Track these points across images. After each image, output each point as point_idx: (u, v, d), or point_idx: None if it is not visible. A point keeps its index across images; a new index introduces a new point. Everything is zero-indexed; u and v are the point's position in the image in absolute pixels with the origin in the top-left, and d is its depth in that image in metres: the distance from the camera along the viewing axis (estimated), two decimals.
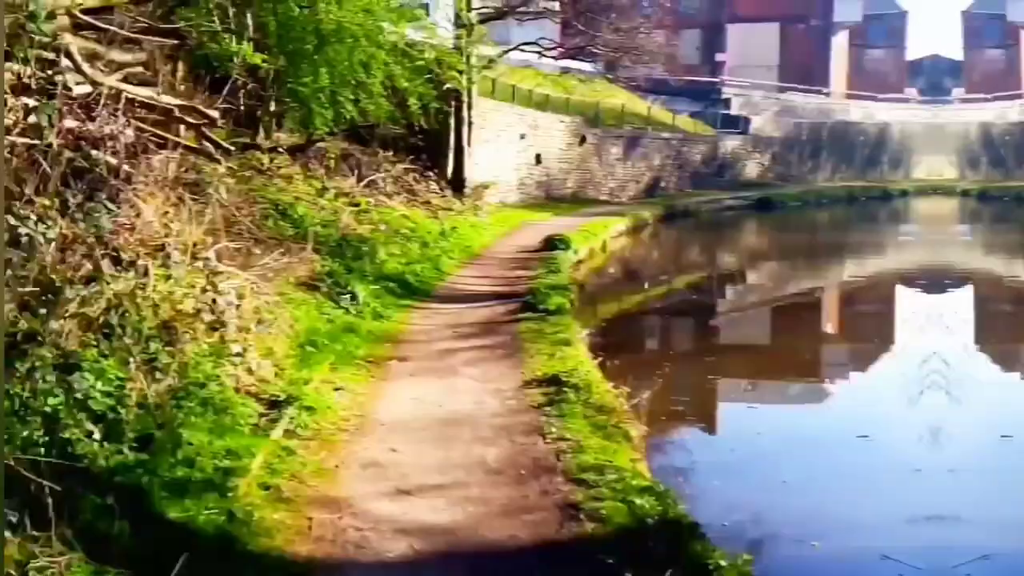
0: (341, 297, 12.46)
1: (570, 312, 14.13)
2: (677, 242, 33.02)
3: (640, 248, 30.35)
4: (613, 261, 26.04)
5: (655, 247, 31.31)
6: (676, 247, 31.93)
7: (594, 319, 16.55)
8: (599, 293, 20.81)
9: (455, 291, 15.80)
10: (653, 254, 29.84)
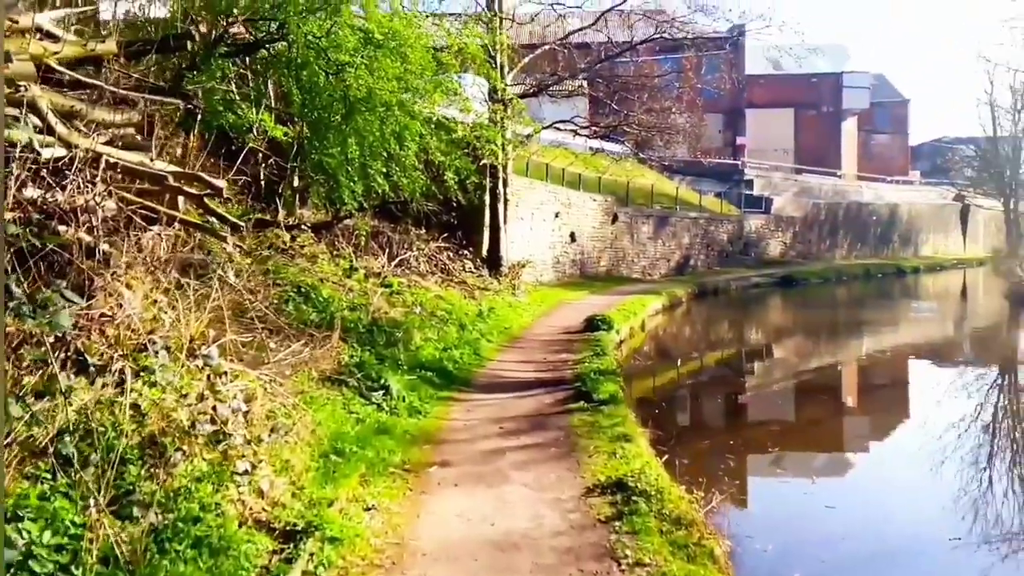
0: (372, 392, 10.26)
1: (624, 401, 11.89)
2: (710, 319, 30.73)
3: (676, 325, 28.06)
4: (652, 339, 23.81)
5: (690, 324, 28.99)
6: (710, 324, 29.61)
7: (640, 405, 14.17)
8: (641, 373, 18.48)
9: (497, 378, 13.56)
10: (689, 331, 27.50)
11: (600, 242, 34.31)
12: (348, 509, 7.18)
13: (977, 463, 12.34)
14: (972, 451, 13.07)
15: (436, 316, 16.15)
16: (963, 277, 53.58)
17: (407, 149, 13.43)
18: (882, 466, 11.97)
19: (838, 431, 15.33)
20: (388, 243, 20.31)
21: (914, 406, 16.44)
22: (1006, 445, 14.29)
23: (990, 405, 17.25)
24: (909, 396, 17.62)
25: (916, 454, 12.34)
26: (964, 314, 34.89)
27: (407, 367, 12.14)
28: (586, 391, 12.02)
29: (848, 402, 17.63)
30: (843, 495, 10.59)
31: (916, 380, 19.78)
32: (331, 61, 12.31)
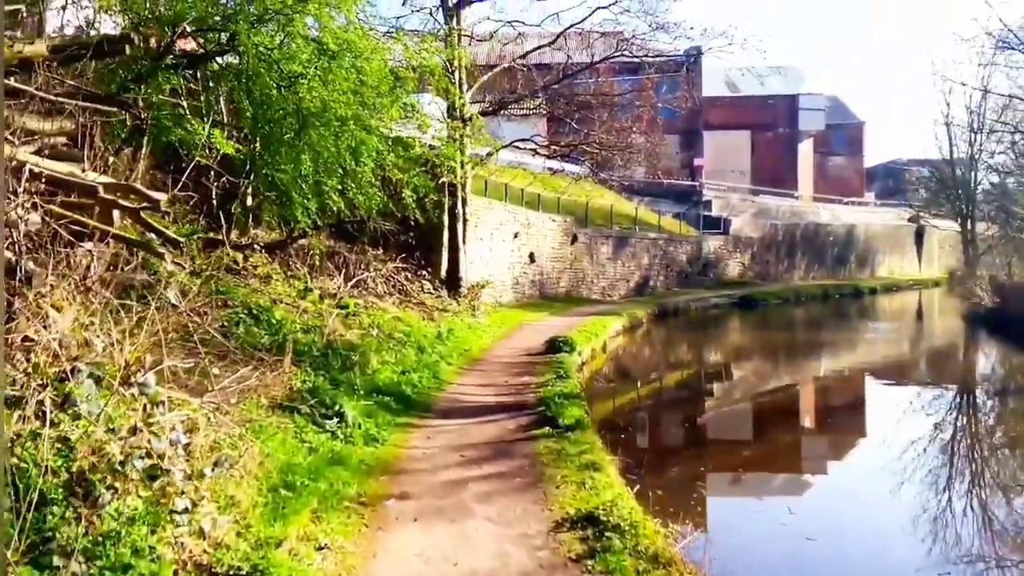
0: (326, 419, 9.72)
1: (590, 426, 11.48)
2: (671, 340, 30.56)
3: (638, 346, 27.80)
4: (614, 360, 23.50)
5: (652, 345, 28.75)
6: (671, 345, 29.42)
7: (606, 430, 13.75)
8: (605, 396, 18.11)
9: (458, 403, 13.07)
10: (651, 352, 27.24)
11: (560, 263, 34.04)
12: (298, 549, 6.65)
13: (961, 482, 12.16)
14: (955, 477, 12.88)
15: (394, 338, 15.64)
16: (920, 298, 54.30)
17: (363, 165, 12.95)
18: (860, 493, 11.66)
19: (807, 454, 15.12)
20: (344, 263, 19.77)
21: (890, 429, 16.17)
22: (982, 466, 14.12)
23: (960, 425, 17.21)
24: (886, 418, 17.40)
25: (898, 478, 12.10)
26: (924, 335, 35.17)
27: (363, 392, 11.62)
28: (551, 416, 11.60)
29: (815, 424, 17.42)
30: (822, 525, 10.25)
31: (882, 401, 19.65)
32: (284, 73, 11.83)
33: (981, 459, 14.78)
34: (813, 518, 10.37)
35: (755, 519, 10.35)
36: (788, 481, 12.96)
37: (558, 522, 7.76)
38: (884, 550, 9.37)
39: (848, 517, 10.56)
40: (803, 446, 15.70)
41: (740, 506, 10.97)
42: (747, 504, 11.03)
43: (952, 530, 10.23)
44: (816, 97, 69.81)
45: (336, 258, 19.68)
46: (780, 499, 11.51)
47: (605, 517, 7.65)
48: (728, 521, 10.42)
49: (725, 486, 12.39)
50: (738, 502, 11.42)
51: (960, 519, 10.74)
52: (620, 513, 7.75)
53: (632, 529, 7.47)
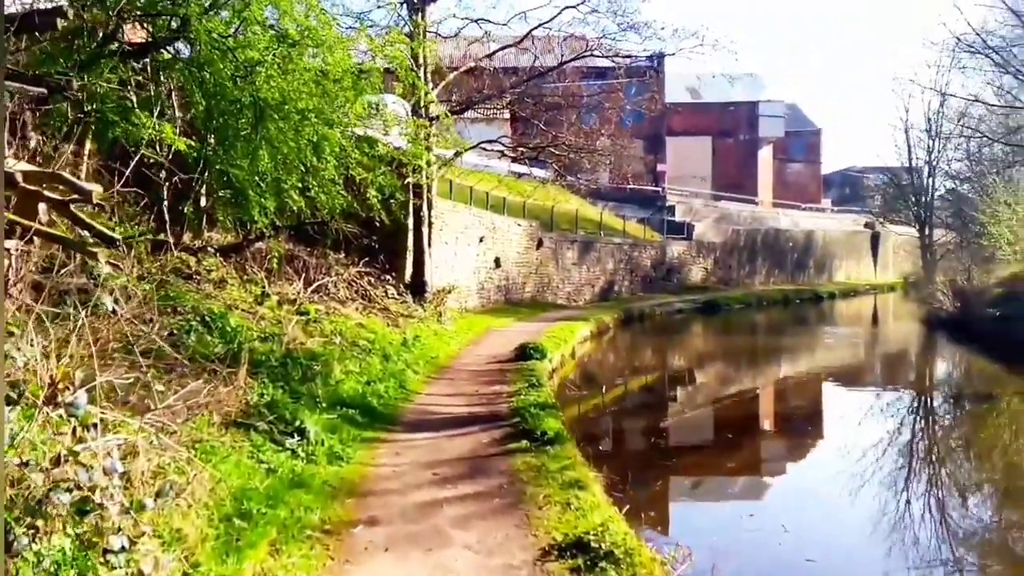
0: (286, 436, 8.83)
1: (570, 439, 10.72)
2: (639, 345, 29.95)
3: (606, 352, 27.12)
4: (583, 367, 22.81)
5: (620, 350, 28.08)
6: (639, 350, 28.79)
7: (583, 441, 12.99)
8: (577, 404, 17.33)
9: (427, 415, 12.22)
10: (620, 358, 26.54)
11: (525, 268, 33.30)
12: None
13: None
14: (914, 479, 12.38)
15: (358, 346, 14.77)
16: (879, 302, 54.58)
17: (325, 162, 12.06)
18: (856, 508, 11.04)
19: (794, 461, 14.49)
20: (304, 267, 18.83)
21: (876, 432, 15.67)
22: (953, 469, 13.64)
23: (925, 428, 16.81)
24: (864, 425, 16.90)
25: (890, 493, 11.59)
26: (887, 340, 34.95)
27: (326, 405, 10.73)
28: (528, 428, 10.83)
29: (799, 433, 16.79)
30: (819, 542, 9.60)
31: (861, 406, 19.15)
32: (239, 63, 10.93)
33: (942, 461, 14.62)
34: (812, 536, 9.70)
35: (755, 541, 9.62)
36: (779, 494, 12.30)
37: (545, 549, 7.00)
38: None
39: (851, 537, 9.93)
40: (789, 455, 15.06)
41: (738, 526, 10.25)
42: (739, 521, 10.32)
43: (911, 530, 10.14)
44: (775, 104, 70.12)
45: (296, 262, 18.75)
46: (768, 510, 10.84)
47: (596, 543, 6.93)
48: (731, 544, 9.70)
49: (722, 506, 11.67)
50: (736, 522, 10.69)
51: (917, 520, 10.62)
52: (612, 538, 7.02)
53: (627, 557, 6.75)
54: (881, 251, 71.66)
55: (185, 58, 11.63)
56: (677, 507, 11.23)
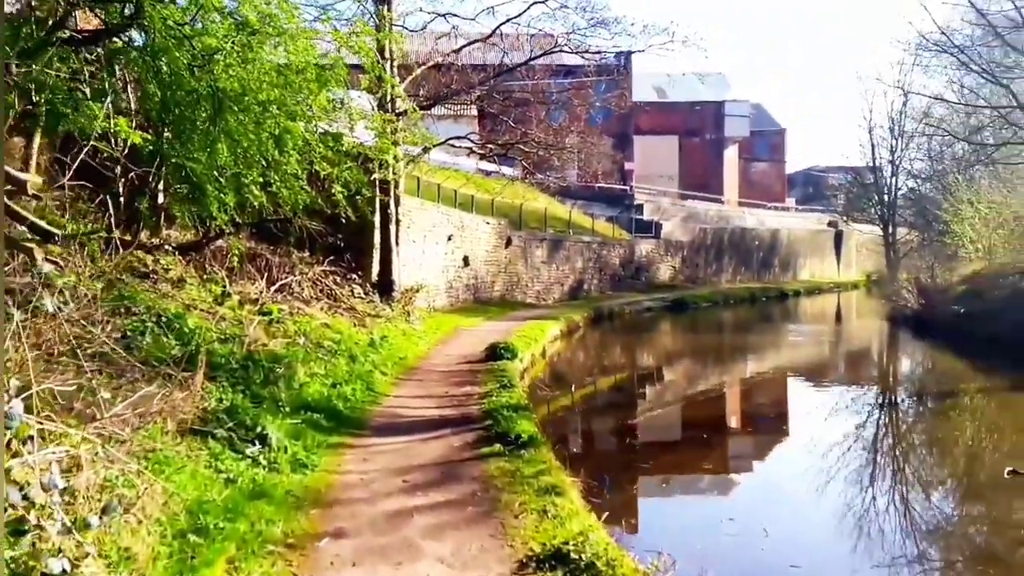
0: (246, 443, 8.33)
1: (544, 442, 10.32)
2: (609, 344, 29.60)
3: (576, 351, 26.78)
4: (554, 366, 22.43)
5: (590, 349, 27.75)
6: (610, 349, 28.44)
7: (557, 443, 12.60)
8: (549, 405, 16.92)
9: (396, 418, 11.76)
10: (591, 357, 26.15)
11: (494, 266, 32.89)
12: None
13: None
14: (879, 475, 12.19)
15: (323, 347, 14.25)
16: (843, 300, 54.99)
17: (288, 156, 11.51)
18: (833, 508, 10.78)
19: (771, 464, 14.17)
20: (267, 266, 18.26)
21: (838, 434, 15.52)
22: None
23: (894, 424, 16.68)
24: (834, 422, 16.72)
25: None
26: (855, 338, 34.96)
27: (289, 409, 10.24)
28: (501, 432, 10.41)
29: (772, 431, 16.54)
30: (802, 544, 9.31)
31: (824, 403, 19.01)
32: (196, 51, 10.38)
33: (906, 457, 14.60)
34: (797, 543, 9.40)
35: (736, 547, 9.28)
36: (754, 493, 11.99)
37: (522, 562, 6.61)
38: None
39: (833, 545, 9.65)
40: (764, 453, 14.80)
41: (712, 526, 9.91)
42: (719, 525, 9.98)
43: (891, 533, 10.01)
44: (741, 104, 70.35)
45: (258, 260, 18.18)
46: (746, 511, 10.52)
47: (576, 554, 6.56)
48: (713, 551, 9.36)
49: (701, 511, 11.29)
50: (707, 519, 10.36)
51: (896, 522, 10.53)
52: (593, 549, 6.66)
53: (609, 568, 6.38)
54: (844, 249, 72.24)
55: (139, 46, 11.04)
56: (655, 510, 10.88)
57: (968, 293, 26.87)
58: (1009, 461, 13.00)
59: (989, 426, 16.01)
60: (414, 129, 17.01)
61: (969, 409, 17.87)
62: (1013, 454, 13.45)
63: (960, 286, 28.33)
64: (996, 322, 23.05)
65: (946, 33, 23.10)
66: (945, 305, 27.96)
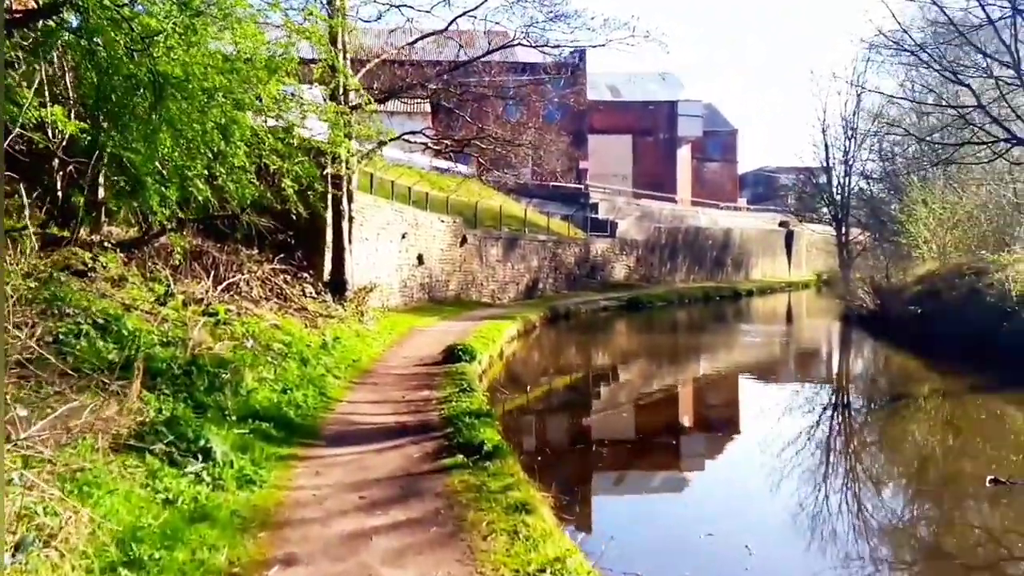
0: (188, 457, 7.62)
1: (510, 452, 9.73)
2: (566, 344, 29.16)
3: (534, 351, 26.26)
4: (512, 367, 21.89)
5: (548, 350, 27.25)
6: (567, 349, 28.01)
7: (521, 451, 12.02)
8: (510, 409, 16.33)
9: (351, 426, 11.07)
10: (548, 358, 25.59)
11: (449, 265, 32.22)
12: None
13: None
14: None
15: (272, 350, 13.50)
16: (796, 299, 55.37)
17: (235, 148, 10.76)
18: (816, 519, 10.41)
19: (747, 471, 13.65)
20: (214, 264, 17.42)
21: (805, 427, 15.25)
22: None
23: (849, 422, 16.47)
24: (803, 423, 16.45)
25: None
26: (810, 337, 34.86)
27: (236, 418, 9.51)
28: (463, 441, 9.81)
29: (738, 435, 16.19)
30: (788, 561, 8.88)
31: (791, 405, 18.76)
32: (135, 33, 9.61)
33: (861, 457, 14.51)
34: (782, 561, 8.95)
35: (714, 560, 8.81)
36: (731, 502, 11.56)
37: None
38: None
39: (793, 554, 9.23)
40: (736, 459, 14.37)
41: (690, 542, 9.45)
42: (697, 541, 9.52)
43: (829, 524, 10.14)
44: (694, 104, 70.58)
45: (204, 258, 17.34)
46: (722, 523, 10.07)
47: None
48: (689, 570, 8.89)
49: (667, 514, 10.84)
50: (685, 533, 9.89)
51: (835, 514, 10.62)
52: None
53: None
54: (795, 249, 72.87)
55: (73, 28, 10.22)
56: (632, 526, 10.31)
57: (924, 293, 26.89)
58: (967, 462, 12.86)
59: (945, 427, 15.82)
60: (368, 122, 16.25)
61: (925, 410, 17.71)
62: (972, 455, 13.31)
63: (915, 286, 28.37)
64: (953, 322, 23.03)
65: (906, 31, 23.06)
66: (901, 305, 27.98)
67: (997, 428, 15.60)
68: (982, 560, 9.22)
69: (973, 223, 28.32)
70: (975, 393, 18.48)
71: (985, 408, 17.08)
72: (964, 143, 22.41)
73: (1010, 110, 20.92)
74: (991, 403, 17.42)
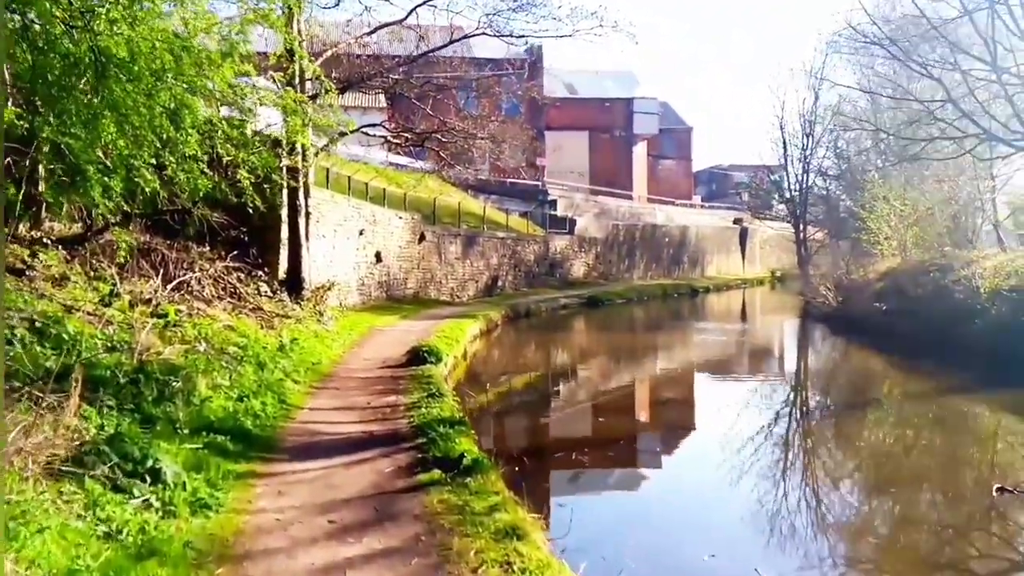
0: (134, 479, 6.71)
1: (492, 466, 8.92)
2: (529, 343, 28.41)
3: (497, 351, 25.46)
4: (476, 368, 21.08)
5: (511, 349, 26.47)
6: (530, 348, 27.28)
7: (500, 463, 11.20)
8: (479, 414, 15.49)
9: (314, 436, 10.17)
10: (512, 357, 24.75)
11: (407, 262, 31.26)
12: None
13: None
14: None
15: (227, 353, 12.54)
16: (754, 296, 55.44)
17: (185, 135, 9.79)
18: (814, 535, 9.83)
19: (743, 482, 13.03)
20: (163, 262, 16.39)
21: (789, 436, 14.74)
22: None
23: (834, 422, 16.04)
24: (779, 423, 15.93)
25: None
26: (774, 336, 34.33)
27: (188, 432, 8.59)
28: (439, 455, 9.00)
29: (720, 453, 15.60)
30: None
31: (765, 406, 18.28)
32: (74, 8, 8.64)
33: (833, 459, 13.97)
34: None
35: None
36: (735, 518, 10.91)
37: None
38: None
39: None
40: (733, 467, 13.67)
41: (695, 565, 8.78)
42: (701, 563, 8.86)
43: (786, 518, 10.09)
44: (650, 101, 70.39)
45: (153, 256, 16.32)
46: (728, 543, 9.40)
47: None
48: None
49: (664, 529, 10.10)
50: (688, 553, 9.21)
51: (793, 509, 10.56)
52: None
53: None
54: (749, 246, 73.13)
55: None
56: (631, 547, 9.46)
57: (887, 290, 26.69)
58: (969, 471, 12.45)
59: (919, 427, 15.40)
60: (328, 111, 15.25)
61: (896, 411, 17.32)
62: (955, 454, 12.90)
63: (878, 283, 28.19)
64: (919, 319, 22.80)
65: (876, 22, 22.73)
66: (864, 302, 27.78)
67: (987, 432, 15.23)
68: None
69: (933, 220, 28.21)
70: (951, 394, 18.10)
71: (968, 410, 16.74)
72: (934, 139, 22.15)
73: (978, 105, 20.68)
74: (970, 404, 17.08)
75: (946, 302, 22.68)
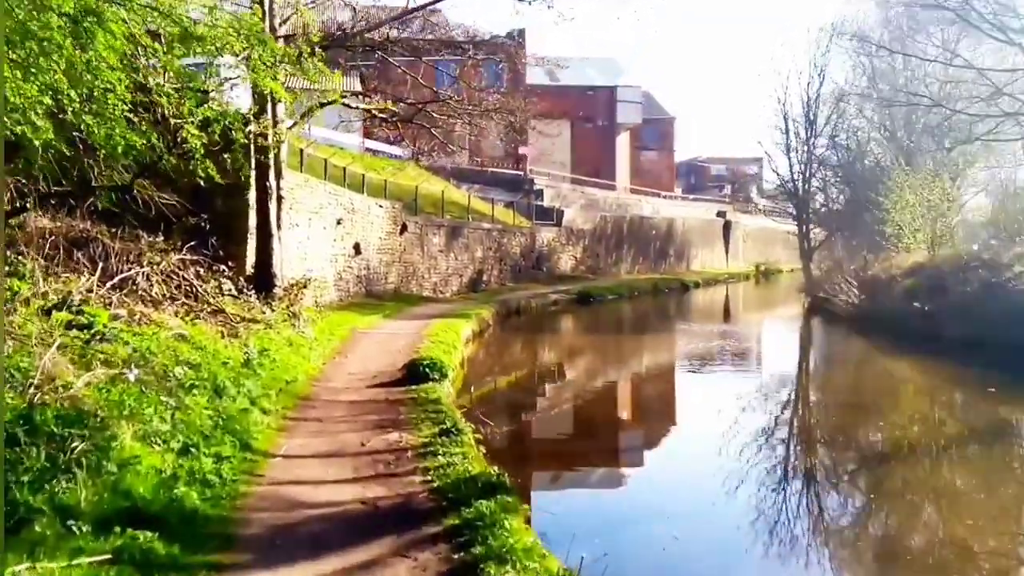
0: None
1: None
2: (526, 345, 25.03)
3: (493, 356, 22.15)
4: (475, 378, 17.69)
5: (508, 353, 23.18)
6: (529, 352, 23.95)
7: None
8: (495, 447, 12.12)
9: (289, 510, 6.87)
10: (510, 363, 21.36)
11: (388, 255, 27.88)
12: None
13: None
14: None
15: (172, 378, 9.19)
16: (745, 292, 52.97)
17: (99, 62, 6.48)
18: None
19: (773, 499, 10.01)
20: (103, 254, 13.08)
21: None
22: None
23: None
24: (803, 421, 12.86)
25: None
26: (796, 340, 30.43)
27: (92, 525, 5.30)
28: (486, 553, 5.77)
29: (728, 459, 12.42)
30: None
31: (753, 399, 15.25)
32: None
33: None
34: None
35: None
36: None
37: None
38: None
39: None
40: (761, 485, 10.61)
41: None
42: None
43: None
44: (634, 90, 67.66)
45: (92, 246, 13.02)
46: None
47: None
48: None
49: None
50: None
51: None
52: None
53: None
54: (732, 239, 70.64)
55: None
56: None
57: (921, 287, 23.74)
58: None
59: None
60: (314, 68, 11.68)
61: None
62: None
63: (906, 279, 25.26)
64: (971, 322, 19.88)
65: None
66: (892, 301, 24.86)
67: None
68: None
69: (972, 210, 25.49)
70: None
71: None
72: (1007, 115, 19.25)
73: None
74: None
75: (1001, 303, 19.80)
